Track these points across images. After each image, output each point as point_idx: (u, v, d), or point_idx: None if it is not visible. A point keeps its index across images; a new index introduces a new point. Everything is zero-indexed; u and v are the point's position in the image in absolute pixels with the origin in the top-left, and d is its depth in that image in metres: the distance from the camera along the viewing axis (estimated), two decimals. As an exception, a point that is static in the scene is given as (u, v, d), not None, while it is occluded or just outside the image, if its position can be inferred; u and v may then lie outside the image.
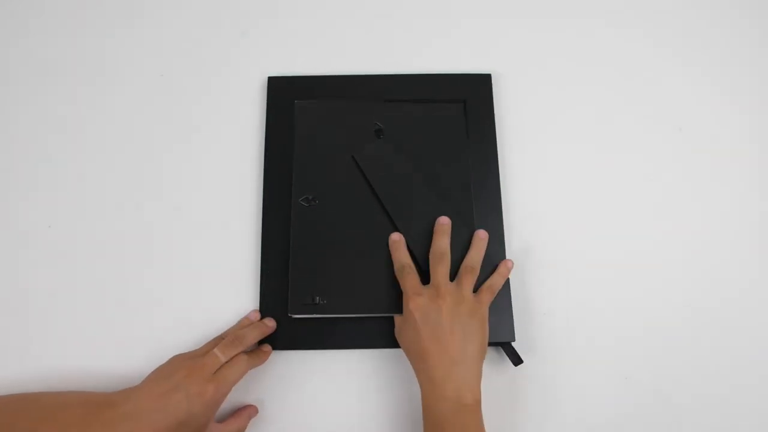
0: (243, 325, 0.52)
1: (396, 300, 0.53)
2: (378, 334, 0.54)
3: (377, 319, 0.54)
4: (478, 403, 0.47)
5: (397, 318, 0.52)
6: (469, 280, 0.51)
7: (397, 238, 0.54)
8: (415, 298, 0.49)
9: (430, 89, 0.61)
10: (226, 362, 0.47)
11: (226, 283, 0.56)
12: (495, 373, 0.54)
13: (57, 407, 0.45)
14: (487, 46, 0.65)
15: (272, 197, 0.57)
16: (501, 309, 0.54)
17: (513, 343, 0.54)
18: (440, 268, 0.51)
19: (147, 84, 0.62)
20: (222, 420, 0.50)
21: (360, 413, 0.53)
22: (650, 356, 0.55)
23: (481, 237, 0.54)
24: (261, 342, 0.53)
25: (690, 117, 0.62)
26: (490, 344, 0.53)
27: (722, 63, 0.65)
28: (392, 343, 0.53)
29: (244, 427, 0.51)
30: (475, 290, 0.52)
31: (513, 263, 0.55)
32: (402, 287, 0.51)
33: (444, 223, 0.54)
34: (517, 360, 0.52)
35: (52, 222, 0.58)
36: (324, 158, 0.58)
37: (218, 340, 0.50)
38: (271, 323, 0.53)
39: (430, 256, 0.52)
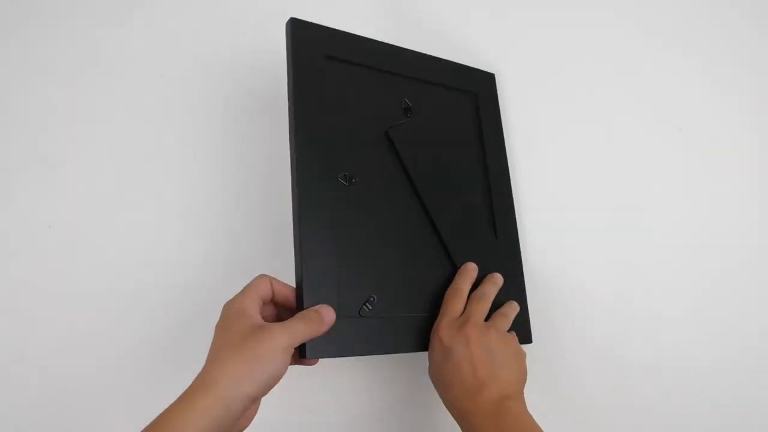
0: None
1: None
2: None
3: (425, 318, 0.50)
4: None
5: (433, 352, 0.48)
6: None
7: (471, 268, 0.52)
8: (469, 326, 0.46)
9: (450, 76, 0.59)
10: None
11: (226, 283, 0.56)
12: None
13: None
14: (489, 46, 0.65)
15: (304, 177, 0.47)
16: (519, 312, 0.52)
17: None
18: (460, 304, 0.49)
19: (147, 84, 0.62)
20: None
21: (360, 413, 0.53)
22: (650, 356, 0.55)
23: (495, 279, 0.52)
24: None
25: (690, 117, 0.62)
26: None
27: (722, 63, 0.65)
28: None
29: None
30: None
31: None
32: (445, 310, 0.48)
33: (471, 268, 0.52)
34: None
35: (52, 222, 0.58)
36: (356, 132, 0.52)
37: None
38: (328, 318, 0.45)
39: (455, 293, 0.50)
